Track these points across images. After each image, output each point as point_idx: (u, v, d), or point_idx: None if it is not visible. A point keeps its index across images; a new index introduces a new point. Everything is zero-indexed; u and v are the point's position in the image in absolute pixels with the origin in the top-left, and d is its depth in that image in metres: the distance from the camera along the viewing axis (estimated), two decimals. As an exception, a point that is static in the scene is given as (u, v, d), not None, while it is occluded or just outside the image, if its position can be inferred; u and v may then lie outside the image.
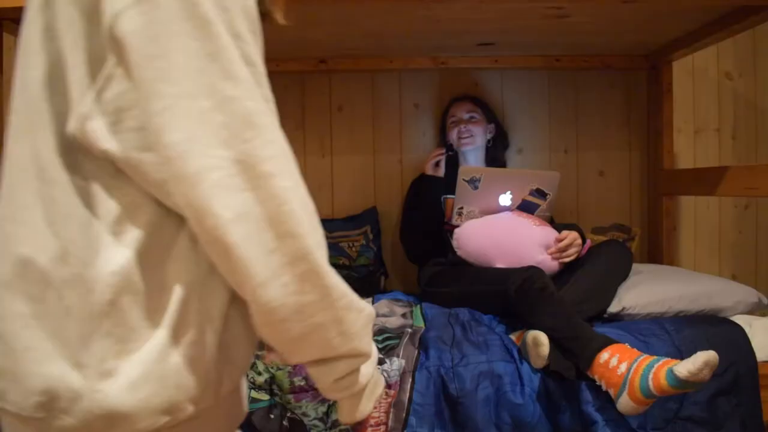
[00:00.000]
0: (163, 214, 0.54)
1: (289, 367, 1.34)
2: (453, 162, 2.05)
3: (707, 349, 1.37)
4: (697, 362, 1.11)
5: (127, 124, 0.50)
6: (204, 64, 0.48)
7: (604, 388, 1.25)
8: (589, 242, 1.73)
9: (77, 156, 0.53)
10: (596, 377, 1.27)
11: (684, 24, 1.82)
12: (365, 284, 2.17)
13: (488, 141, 2.10)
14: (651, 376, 1.16)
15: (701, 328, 1.45)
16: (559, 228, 1.74)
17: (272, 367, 1.33)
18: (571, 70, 2.33)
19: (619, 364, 1.22)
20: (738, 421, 1.37)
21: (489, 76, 2.34)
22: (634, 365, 1.20)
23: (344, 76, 2.32)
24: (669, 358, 1.19)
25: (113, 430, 0.52)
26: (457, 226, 1.82)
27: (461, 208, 1.82)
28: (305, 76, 2.32)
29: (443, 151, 2.02)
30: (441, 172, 2.02)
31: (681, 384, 1.12)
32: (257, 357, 1.35)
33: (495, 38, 1.98)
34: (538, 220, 1.76)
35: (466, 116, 2.07)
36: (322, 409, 1.30)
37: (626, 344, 1.29)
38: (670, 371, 1.14)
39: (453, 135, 2.06)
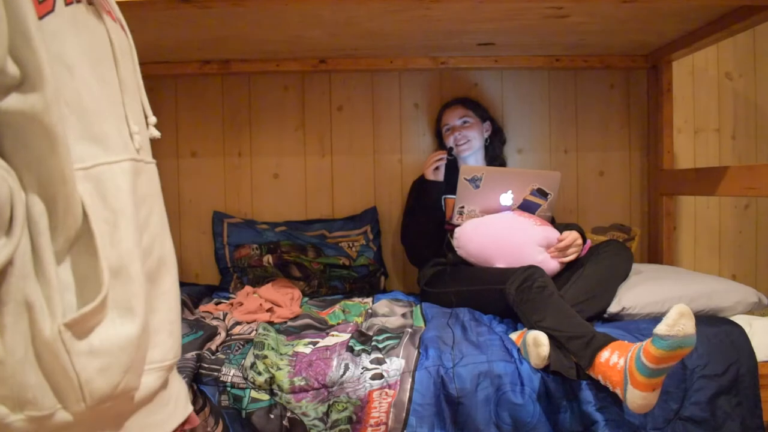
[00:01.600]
0: None
1: (290, 368, 1.34)
2: (452, 165, 2.05)
3: (707, 348, 1.38)
4: (671, 315, 1.13)
5: None
6: None
7: (611, 389, 1.25)
8: (589, 242, 1.74)
9: None
10: (600, 377, 1.27)
11: (684, 24, 1.82)
12: (365, 284, 2.18)
13: (486, 140, 2.09)
14: (642, 354, 1.17)
15: (701, 328, 1.44)
16: (559, 228, 1.74)
17: (272, 367, 1.34)
18: (571, 70, 2.33)
19: (619, 359, 1.23)
20: (738, 421, 1.37)
21: (489, 76, 2.34)
22: (629, 354, 1.21)
23: (344, 76, 2.32)
24: None
25: None
26: (458, 226, 1.82)
27: (462, 207, 1.82)
28: (305, 76, 2.32)
29: (443, 155, 1.98)
30: (441, 176, 2.00)
31: (667, 343, 1.13)
32: (257, 357, 1.35)
33: (495, 38, 1.98)
34: (539, 219, 1.76)
35: (459, 122, 2.06)
36: (322, 409, 1.30)
37: (625, 341, 1.29)
38: (654, 336, 1.15)
39: (450, 143, 2.06)
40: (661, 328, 1.14)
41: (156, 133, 0.70)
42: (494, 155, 2.11)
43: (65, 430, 0.54)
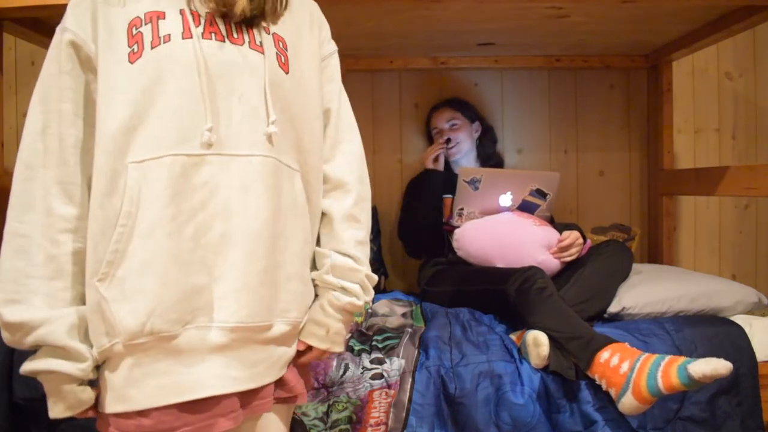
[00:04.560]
0: None
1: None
2: (448, 164, 2.05)
3: (707, 348, 1.38)
4: (717, 369, 1.09)
5: None
6: None
7: (604, 387, 1.25)
8: (589, 242, 1.73)
9: None
10: (596, 377, 1.27)
11: (684, 24, 1.82)
12: (365, 284, 2.17)
13: (477, 140, 2.10)
14: (660, 374, 1.15)
15: (701, 328, 1.45)
16: (559, 228, 1.74)
17: None
18: (571, 70, 2.33)
19: (621, 363, 1.22)
20: (738, 421, 1.37)
21: (489, 76, 2.34)
22: (638, 364, 1.19)
23: (344, 76, 2.30)
24: (673, 356, 1.18)
25: None
26: (458, 227, 1.82)
27: (461, 209, 1.82)
28: (305, 76, 2.31)
29: (443, 144, 2.02)
30: (441, 165, 2.02)
31: (692, 383, 1.12)
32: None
33: (495, 38, 1.98)
34: (539, 220, 1.76)
35: (446, 125, 2.07)
36: (322, 408, 1.30)
37: (626, 343, 1.29)
38: (684, 369, 1.12)
39: None
40: (697, 372, 1.10)
41: (272, 129, 0.79)
42: (486, 155, 2.11)
43: (120, 357, 0.72)
